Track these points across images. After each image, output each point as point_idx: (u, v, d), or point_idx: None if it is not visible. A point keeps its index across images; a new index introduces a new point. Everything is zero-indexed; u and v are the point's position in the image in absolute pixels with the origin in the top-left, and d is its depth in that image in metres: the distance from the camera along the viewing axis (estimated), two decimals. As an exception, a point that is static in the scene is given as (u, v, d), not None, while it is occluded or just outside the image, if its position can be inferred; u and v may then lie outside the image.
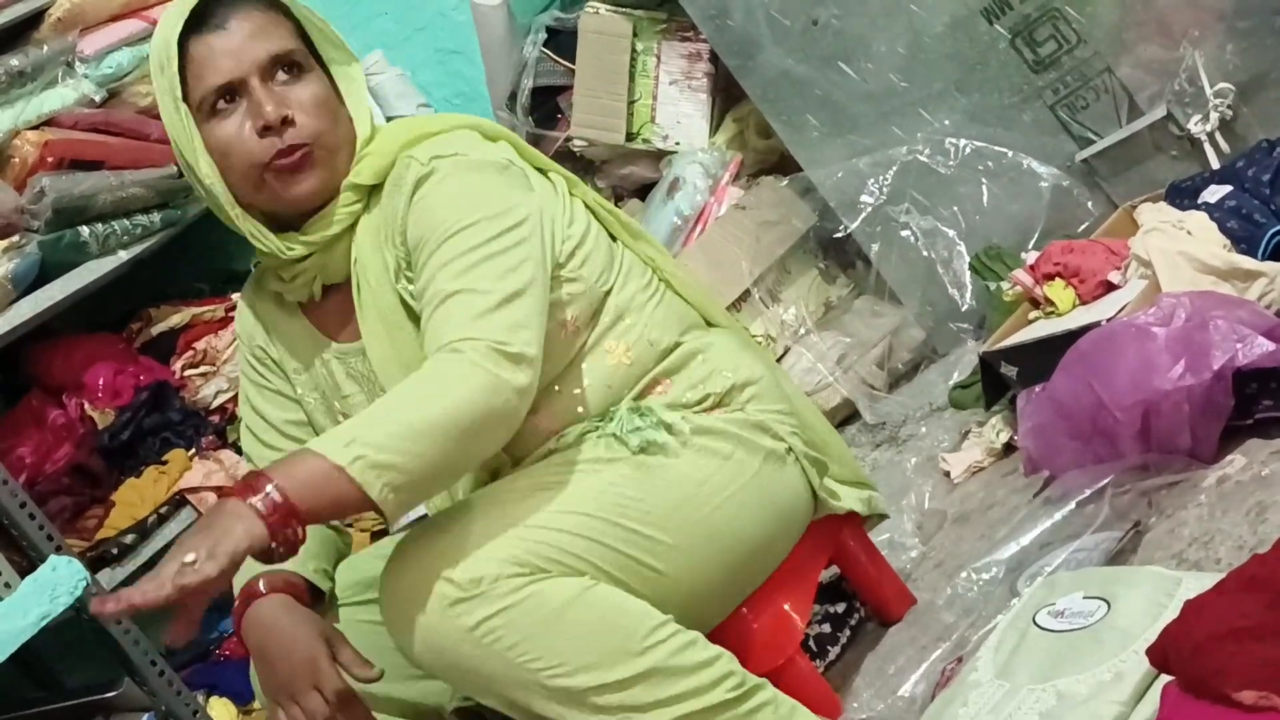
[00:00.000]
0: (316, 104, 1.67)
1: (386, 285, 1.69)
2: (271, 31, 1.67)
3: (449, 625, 1.48)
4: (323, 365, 1.78)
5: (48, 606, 2.23)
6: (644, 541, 1.61)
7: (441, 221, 1.62)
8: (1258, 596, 1.23)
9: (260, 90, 1.65)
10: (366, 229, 1.71)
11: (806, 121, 2.76)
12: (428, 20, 3.53)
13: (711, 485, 1.69)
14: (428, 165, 1.66)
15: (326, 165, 1.68)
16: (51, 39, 2.76)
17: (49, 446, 2.67)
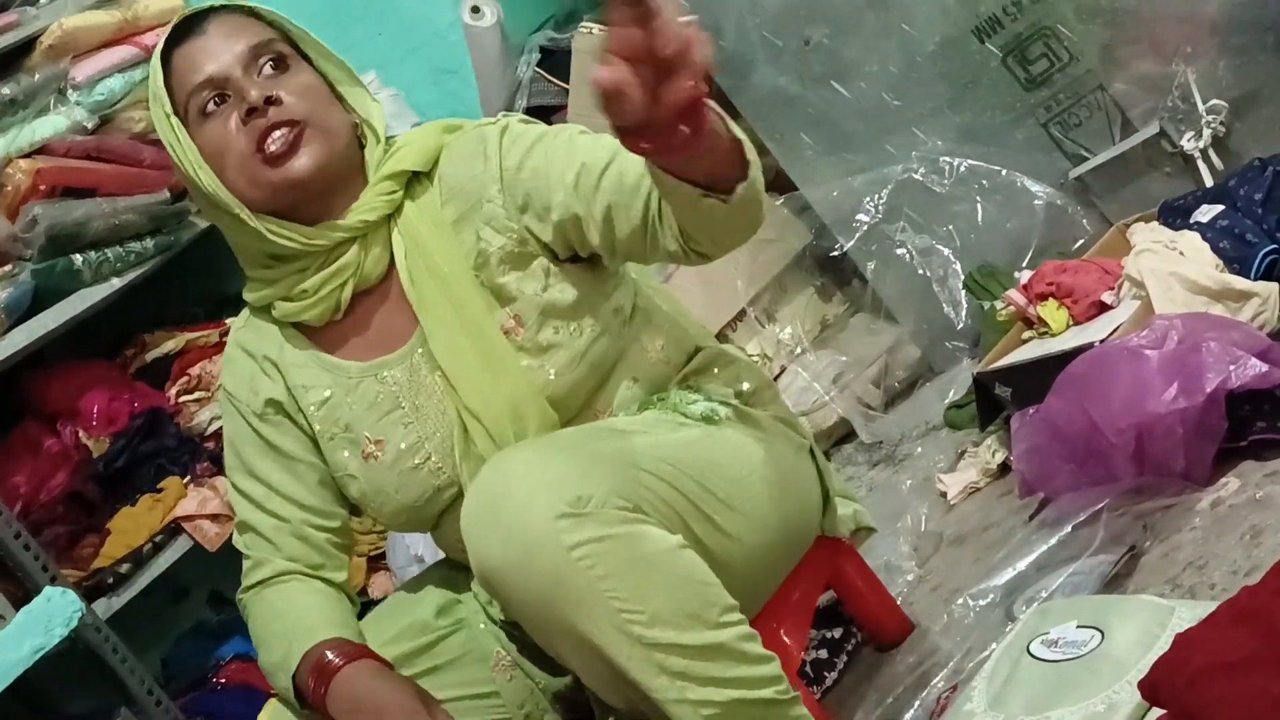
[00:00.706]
0: (306, 90, 1.65)
1: (458, 267, 1.66)
2: (249, 27, 1.67)
3: (550, 539, 1.41)
4: (347, 392, 1.71)
5: (43, 639, 2.23)
6: (719, 505, 1.60)
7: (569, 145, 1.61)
8: (1249, 629, 1.22)
9: (243, 79, 1.63)
10: (418, 217, 1.68)
11: (800, 140, 2.76)
12: (422, 41, 3.53)
13: (768, 464, 1.69)
14: (499, 120, 1.68)
15: (322, 143, 1.64)
16: (43, 66, 2.75)
17: (43, 475, 2.66)
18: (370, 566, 2.92)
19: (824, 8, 2.63)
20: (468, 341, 1.65)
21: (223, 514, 2.72)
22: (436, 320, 1.66)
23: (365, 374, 1.71)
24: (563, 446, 1.52)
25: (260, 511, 1.76)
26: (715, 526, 1.60)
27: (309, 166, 1.63)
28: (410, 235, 1.68)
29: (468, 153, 1.68)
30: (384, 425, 1.69)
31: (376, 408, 1.70)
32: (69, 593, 2.30)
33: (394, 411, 1.69)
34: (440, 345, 1.66)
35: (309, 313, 1.70)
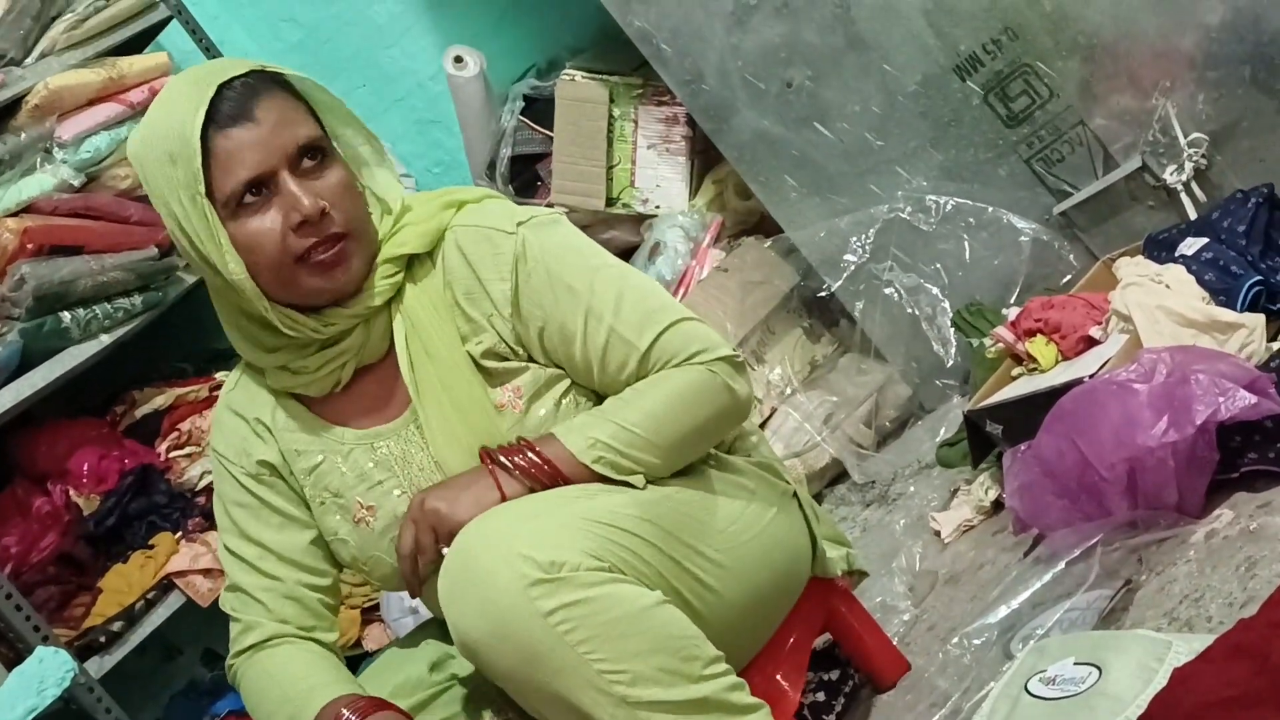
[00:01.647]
0: (345, 190, 1.64)
1: (454, 352, 1.67)
2: (296, 120, 1.62)
3: (526, 606, 1.43)
4: (340, 459, 1.72)
5: (35, 699, 2.22)
6: (699, 559, 1.61)
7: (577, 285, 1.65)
8: (1245, 664, 1.22)
9: (292, 182, 1.60)
10: (416, 298, 1.69)
11: (784, 182, 2.77)
12: (406, 91, 3.55)
13: (751, 513, 1.71)
14: (516, 233, 1.67)
15: (362, 251, 1.65)
16: (29, 125, 2.76)
17: (34, 536, 2.65)
18: (364, 619, 2.91)
19: (804, 50, 2.65)
20: (460, 423, 1.67)
21: (215, 569, 2.71)
22: (432, 408, 1.68)
23: (359, 442, 1.72)
24: (535, 512, 1.53)
25: (252, 573, 1.75)
26: (697, 580, 1.60)
27: (352, 279, 1.65)
28: (410, 317, 1.69)
29: (479, 256, 1.67)
30: (376, 493, 1.70)
31: (368, 476, 1.71)
32: (61, 652, 2.29)
33: (387, 480, 1.70)
34: (434, 433, 1.68)
35: (309, 388, 1.71)
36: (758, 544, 1.70)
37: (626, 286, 1.67)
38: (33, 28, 2.86)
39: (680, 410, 1.63)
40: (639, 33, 2.74)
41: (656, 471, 1.63)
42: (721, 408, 1.66)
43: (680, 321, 1.67)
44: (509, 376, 1.68)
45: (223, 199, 1.60)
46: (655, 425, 1.61)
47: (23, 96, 2.78)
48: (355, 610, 2.88)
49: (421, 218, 1.70)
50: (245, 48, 3.53)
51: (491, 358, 1.68)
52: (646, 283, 1.71)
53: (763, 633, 1.78)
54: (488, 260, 1.67)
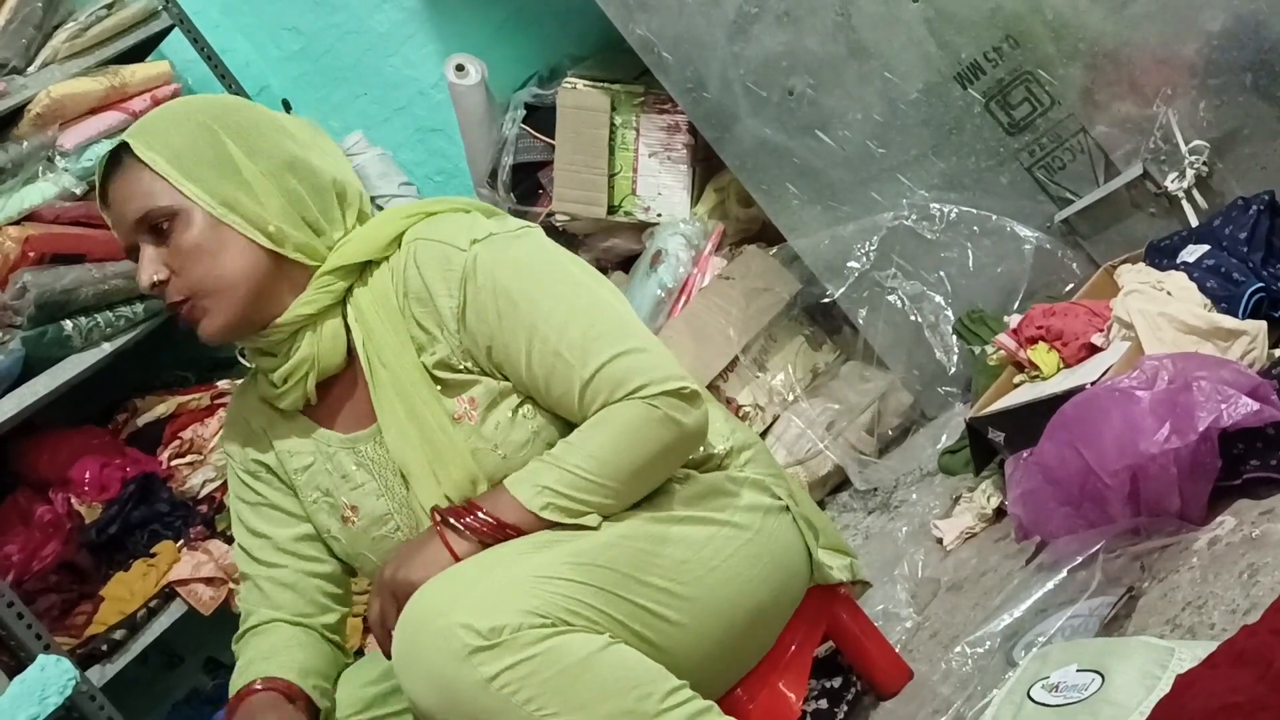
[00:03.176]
0: (189, 252, 1.67)
1: (406, 361, 1.68)
2: (138, 194, 1.68)
3: (468, 674, 1.45)
4: (326, 460, 1.76)
5: (36, 708, 2.22)
6: (659, 595, 1.61)
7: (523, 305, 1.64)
8: (1247, 671, 1.22)
9: (142, 251, 1.69)
10: (370, 305, 1.70)
11: (786, 190, 2.77)
12: (407, 100, 3.56)
13: (719, 540, 1.69)
14: (469, 250, 1.65)
15: (221, 306, 1.68)
16: (31, 134, 2.77)
17: (36, 544, 2.66)
18: (365, 627, 2.90)
19: (806, 58, 2.65)
20: (416, 432, 1.68)
21: (217, 577, 2.71)
22: (389, 415, 1.70)
23: (343, 445, 1.75)
24: (478, 575, 1.53)
25: (253, 563, 1.81)
26: (656, 616, 1.60)
27: (215, 332, 1.70)
28: (365, 324, 1.70)
29: (431, 270, 1.67)
30: (358, 494, 1.75)
31: (351, 478, 1.75)
32: (63, 660, 2.29)
33: (367, 483, 1.74)
34: (391, 436, 1.70)
35: (282, 401, 1.76)
36: (729, 569, 1.68)
37: (577, 310, 1.65)
38: (35, 36, 2.86)
39: (625, 449, 1.61)
40: (641, 41, 2.75)
41: (611, 510, 1.63)
42: (668, 443, 1.63)
43: (625, 353, 1.63)
44: (463, 388, 1.68)
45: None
46: (601, 467, 1.60)
47: (25, 105, 2.79)
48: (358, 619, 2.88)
49: (375, 225, 1.72)
50: (247, 56, 3.54)
51: (444, 369, 1.68)
52: (602, 306, 1.67)
53: (757, 648, 1.78)
54: (439, 275, 1.66)
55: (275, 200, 1.69)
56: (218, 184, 1.68)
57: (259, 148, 1.70)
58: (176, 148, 1.68)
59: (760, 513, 1.75)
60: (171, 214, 1.67)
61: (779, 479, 1.83)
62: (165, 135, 1.69)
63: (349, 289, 1.72)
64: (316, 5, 3.51)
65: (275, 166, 1.70)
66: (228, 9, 3.53)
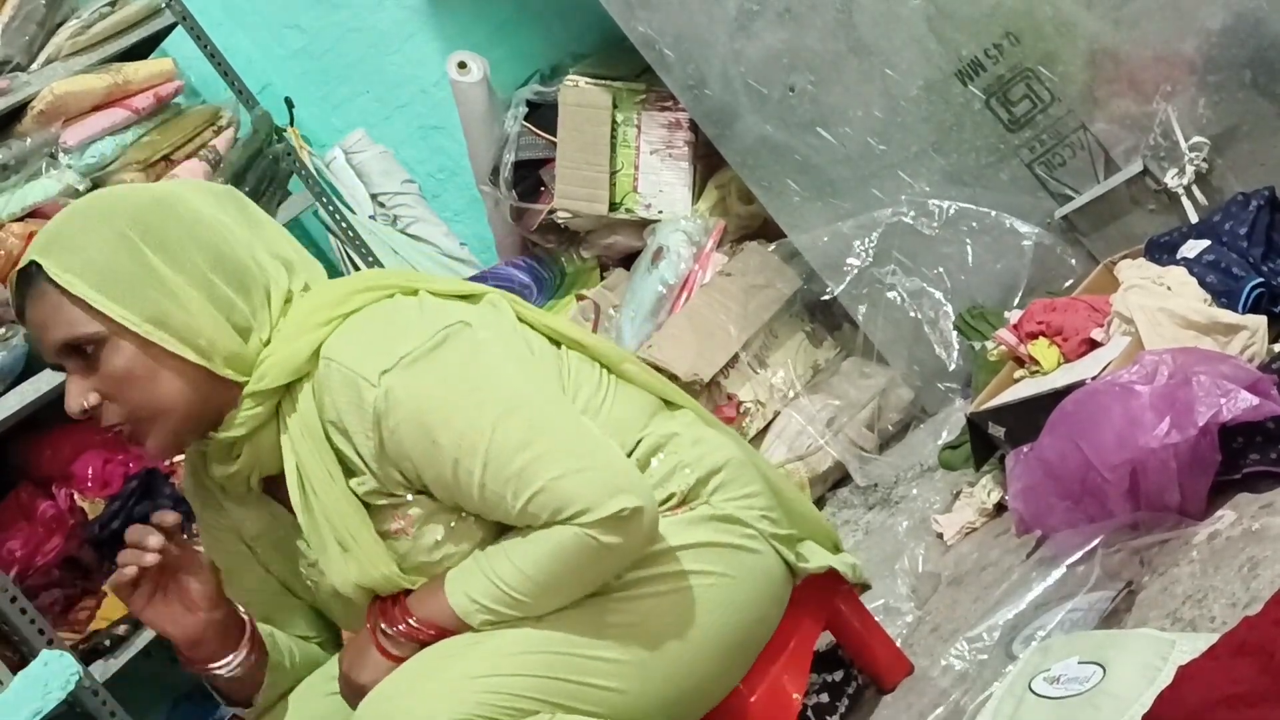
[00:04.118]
0: (121, 379, 1.58)
1: (335, 490, 1.62)
2: (56, 321, 1.58)
3: None
4: (281, 529, 1.73)
5: (40, 703, 2.22)
6: (596, 664, 1.60)
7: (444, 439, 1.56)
8: (1248, 661, 1.23)
9: (69, 377, 1.60)
10: (297, 429, 1.62)
11: (787, 187, 2.77)
12: (409, 98, 3.56)
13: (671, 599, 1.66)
14: (379, 384, 1.55)
15: (157, 428, 1.61)
16: (34, 131, 2.78)
17: (39, 539, 2.66)
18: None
19: (807, 55, 2.66)
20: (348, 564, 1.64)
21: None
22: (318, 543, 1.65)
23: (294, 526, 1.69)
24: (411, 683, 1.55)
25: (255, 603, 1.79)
26: (605, 690, 1.60)
27: (157, 451, 1.65)
28: (294, 446, 1.64)
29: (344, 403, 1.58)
30: (313, 571, 1.72)
31: (305, 555, 1.72)
32: (66, 656, 2.30)
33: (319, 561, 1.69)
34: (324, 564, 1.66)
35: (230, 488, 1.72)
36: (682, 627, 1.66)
37: (504, 434, 1.55)
38: (38, 34, 2.87)
39: (554, 571, 1.57)
40: (642, 38, 2.75)
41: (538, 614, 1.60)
42: (600, 565, 1.59)
43: (560, 477, 1.54)
44: (397, 508, 1.63)
45: None
46: (530, 587, 1.57)
47: (28, 102, 2.80)
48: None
49: (288, 341, 1.61)
50: (249, 54, 3.54)
51: (376, 496, 1.63)
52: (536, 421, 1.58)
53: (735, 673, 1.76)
54: (353, 412, 1.58)
55: (203, 310, 1.59)
56: (143, 302, 1.57)
57: (181, 254, 1.59)
58: (96, 266, 1.56)
59: (725, 552, 1.70)
60: (98, 340, 1.57)
61: (751, 499, 1.76)
62: (82, 251, 1.57)
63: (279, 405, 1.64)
64: (319, 3, 3.52)
65: (199, 273, 1.59)
66: (230, 7, 3.54)
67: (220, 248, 1.61)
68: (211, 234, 1.62)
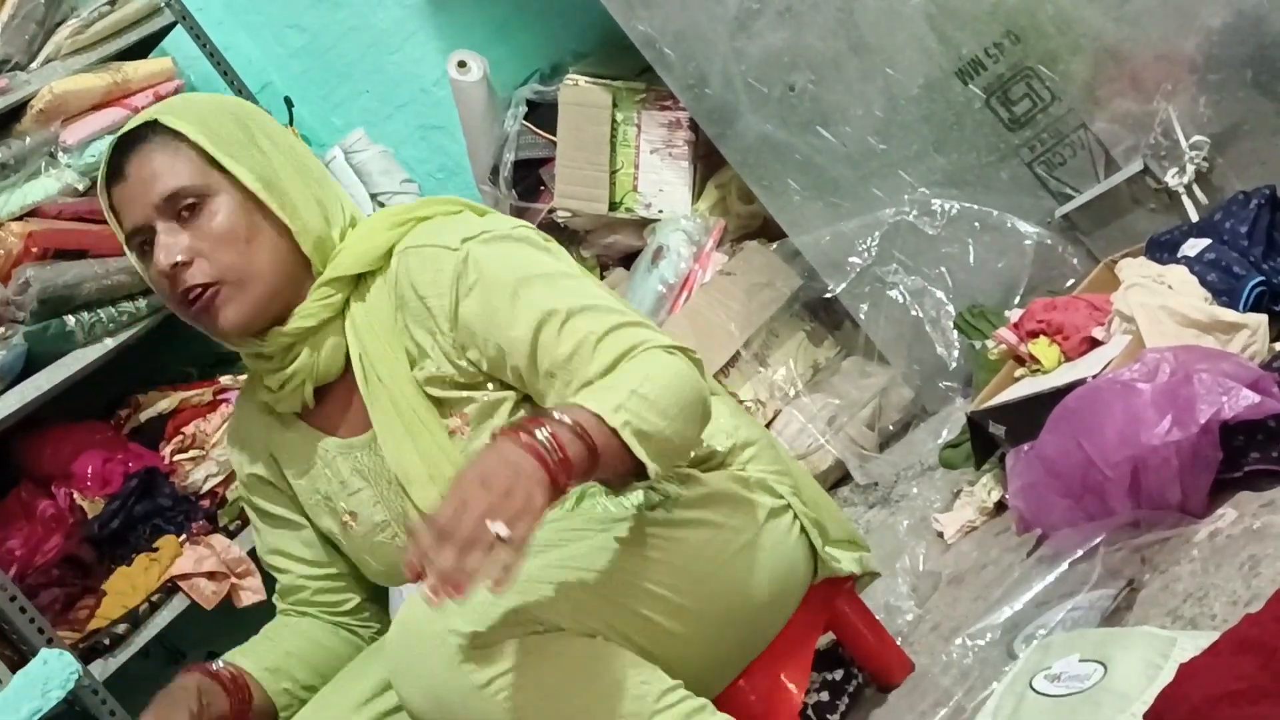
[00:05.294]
0: (219, 236, 1.63)
1: (402, 376, 1.66)
2: (166, 170, 1.63)
3: (459, 681, 1.43)
4: (325, 465, 1.75)
5: (39, 701, 2.22)
6: (653, 600, 1.60)
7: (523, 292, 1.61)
8: (1251, 658, 1.22)
9: (160, 234, 1.63)
10: (366, 319, 1.68)
11: (787, 186, 2.77)
12: (409, 97, 3.56)
13: (716, 544, 1.68)
14: (460, 248, 1.63)
15: (243, 296, 1.64)
16: (34, 130, 2.77)
17: (39, 538, 2.66)
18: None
19: (807, 54, 2.66)
20: (412, 446, 1.67)
21: (219, 572, 2.72)
22: (385, 428, 1.68)
23: (340, 450, 1.74)
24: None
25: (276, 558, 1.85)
26: (650, 622, 1.59)
27: (233, 324, 1.66)
28: (361, 338, 1.69)
29: (422, 275, 1.65)
30: (355, 500, 1.74)
31: (348, 484, 1.74)
32: (65, 655, 2.30)
33: (363, 490, 1.73)
34: (389, 449, 1.69)
35: (279, 405, 1.75)
36: (725, 575, 1.67)
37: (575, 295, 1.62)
38: (37, 33, 2.87)
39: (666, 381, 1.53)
40: (642, 37, 2.75)
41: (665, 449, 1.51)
42: (695, 387, 1.56)
43: (630, 324, 1.60)
44: (456, 405, 1.67)
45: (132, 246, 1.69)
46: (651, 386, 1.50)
47: (28, 101, 2.79)
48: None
49: (364, 236, 1.69)
50: (249, 53, 3.54)
51: (436, 385, 1.66)
52: (597, 291, 1.66)
53: (754, 647, 1.77)
54: (430, 279, 1.64)
55: (300, 189, 1.68)
56: (253, 164, 1.65)
57: (280, 142, 1.70)
58: (210, 127, 1.65)
59: (761, 513, 1.74)
60: (203, 194, 1.63)
61: (783, 475, 1.81)
62: (197, 115, 1.66)
63: (346, 301, 1.70)
64: (319, 2, 3.52)
65: (295, 159, 1.70)
66: (230, 6, 3.54)
67: (305, 152, 1.73)
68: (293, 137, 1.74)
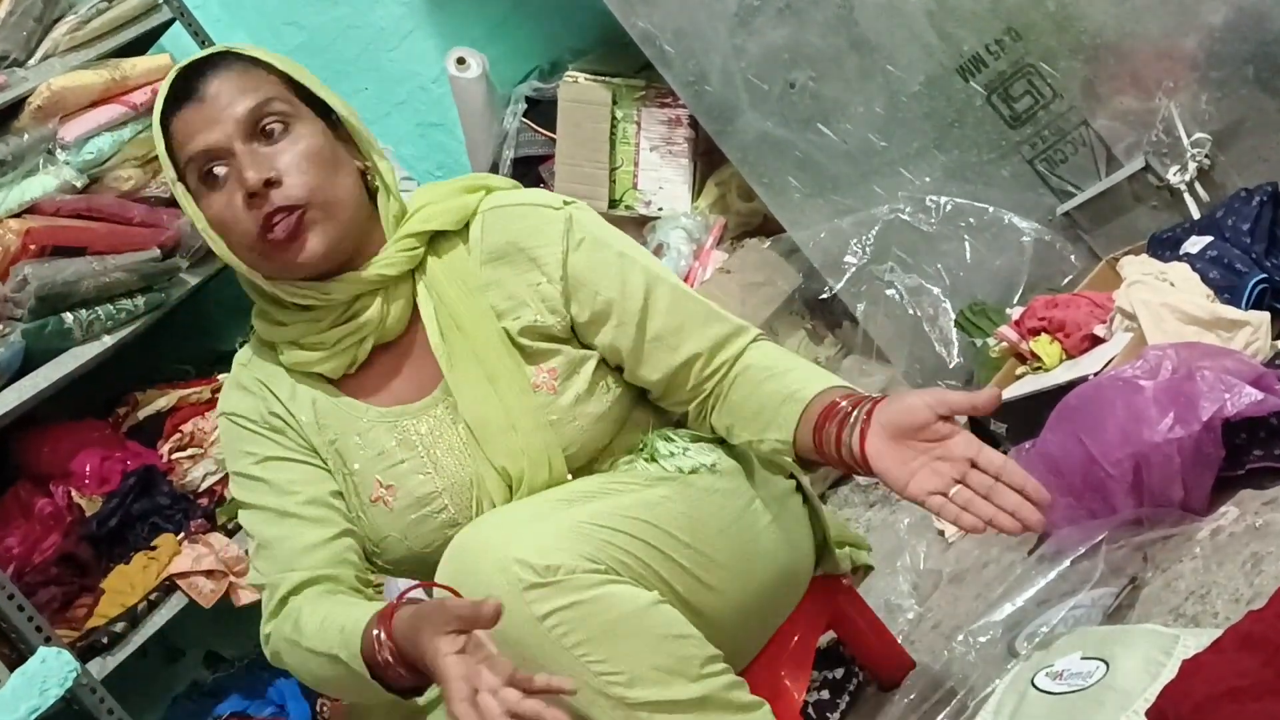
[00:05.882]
0: (308, 157, 1.59)
1: (488, 327, 1.65)
2: (249, 88, 1.59)
3: (520, 610, 1.42)
4: (359, 435, 1.67)
5: (37, 700, 2.21)
6: (698, 558, 1.59)
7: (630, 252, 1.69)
8: (1254, 654, 1.22)
9: (242, 154, 1.57)
10: (445, 274, 1.67)
11: (788, 183, 2.77)
12: (408, 94, 3.55)
13: (751, 514, 1.69)
14: (562, 209, 1.68)
15: (329, 223, 1.59)
16: (32, 127, 2.76)
17: (37, 537, 2.65)
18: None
19: (808, 51, 2.65)
20: (496, 398, 1.64)
21: (218, 570, 2.71)
22: (464, 377, 1.65)
23: (381, 420, 1.68)
24: (531, 516, 1.52)
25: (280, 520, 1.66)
26: (697, 580, 1.59)
27: (317, 252, 1.60)
28: (437, 292, 1.66)
29: (524, 229, 1.67)
30: (397, 472, 1.67)
31: (389, 455, 1.67)
32: (63, 653, 2.29)
33: (409, 460, 1.67)
34: (468, 401, 1.65)
35: (323, 365, 1.67)
36: (759, 544, 1.69)
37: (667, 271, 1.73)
38: (35, 29, 2.86)
39: None
40: (642, 34, 2.74)
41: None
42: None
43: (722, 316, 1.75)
44: (544, 357, 1.66)
45: (190, 179, 1.61)
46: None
47: (25, 98, 2.78)
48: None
49: (444, 195, 1.70)
50: (247, 51, 3.53)
51: (529, 335, 1.66)
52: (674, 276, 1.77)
53: (765, 631, 1.77)
54: (535, 231, 1.67)
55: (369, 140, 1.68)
56: (334, 102, 1.66)
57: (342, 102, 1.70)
58: (287, 63, 1.64)
59: (784, 491, 1.78)
60: (289, 115, 1.60)
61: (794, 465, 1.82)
62: (269, 54, 1.65)
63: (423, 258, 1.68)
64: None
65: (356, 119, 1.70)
66: (228, 3, 3.53)
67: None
68: None
